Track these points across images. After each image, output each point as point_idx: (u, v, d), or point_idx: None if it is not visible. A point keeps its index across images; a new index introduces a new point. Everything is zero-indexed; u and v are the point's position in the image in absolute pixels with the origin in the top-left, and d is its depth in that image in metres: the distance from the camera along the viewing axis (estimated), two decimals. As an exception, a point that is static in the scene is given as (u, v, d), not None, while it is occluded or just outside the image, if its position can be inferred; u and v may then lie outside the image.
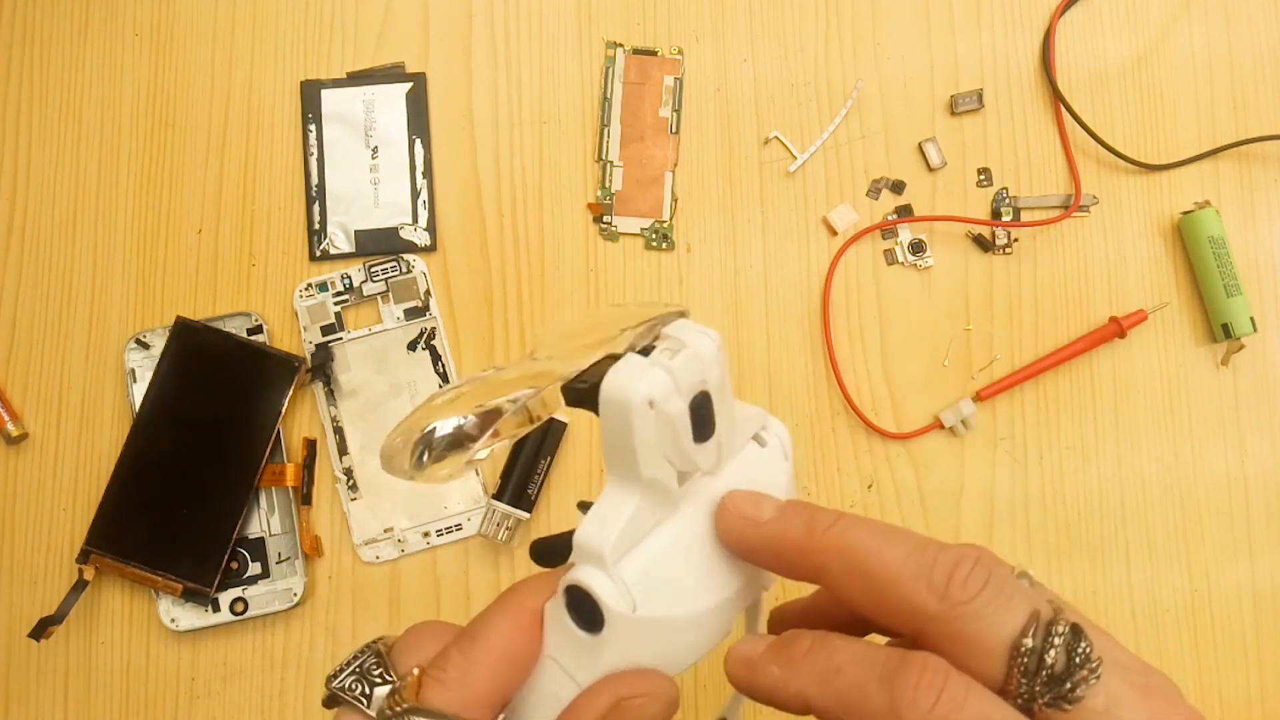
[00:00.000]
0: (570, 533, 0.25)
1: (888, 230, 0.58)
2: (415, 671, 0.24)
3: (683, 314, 0.26)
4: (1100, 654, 0.22)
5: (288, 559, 0.55)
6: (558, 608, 0.25)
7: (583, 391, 0.24)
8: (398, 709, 0.23)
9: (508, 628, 0.25)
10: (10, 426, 0.55)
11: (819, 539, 0.24)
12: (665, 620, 0.24)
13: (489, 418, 0.24)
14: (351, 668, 0.25)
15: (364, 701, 0.24)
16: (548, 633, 0.25)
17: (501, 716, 0.25)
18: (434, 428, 0.24)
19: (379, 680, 0.24)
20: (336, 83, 0.59)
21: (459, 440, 0.24)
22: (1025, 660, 0.21)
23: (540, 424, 0.26)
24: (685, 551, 0.25)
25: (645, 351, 0.25)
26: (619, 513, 0.24)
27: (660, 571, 0.24)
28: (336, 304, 0.57)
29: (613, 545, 0.24)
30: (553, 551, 0.28)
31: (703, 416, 0.24)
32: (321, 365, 0.55)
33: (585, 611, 0.24)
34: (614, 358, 0.24)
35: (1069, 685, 0.21)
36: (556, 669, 0.25)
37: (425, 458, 0.24)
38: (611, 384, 0.24)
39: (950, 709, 0.21)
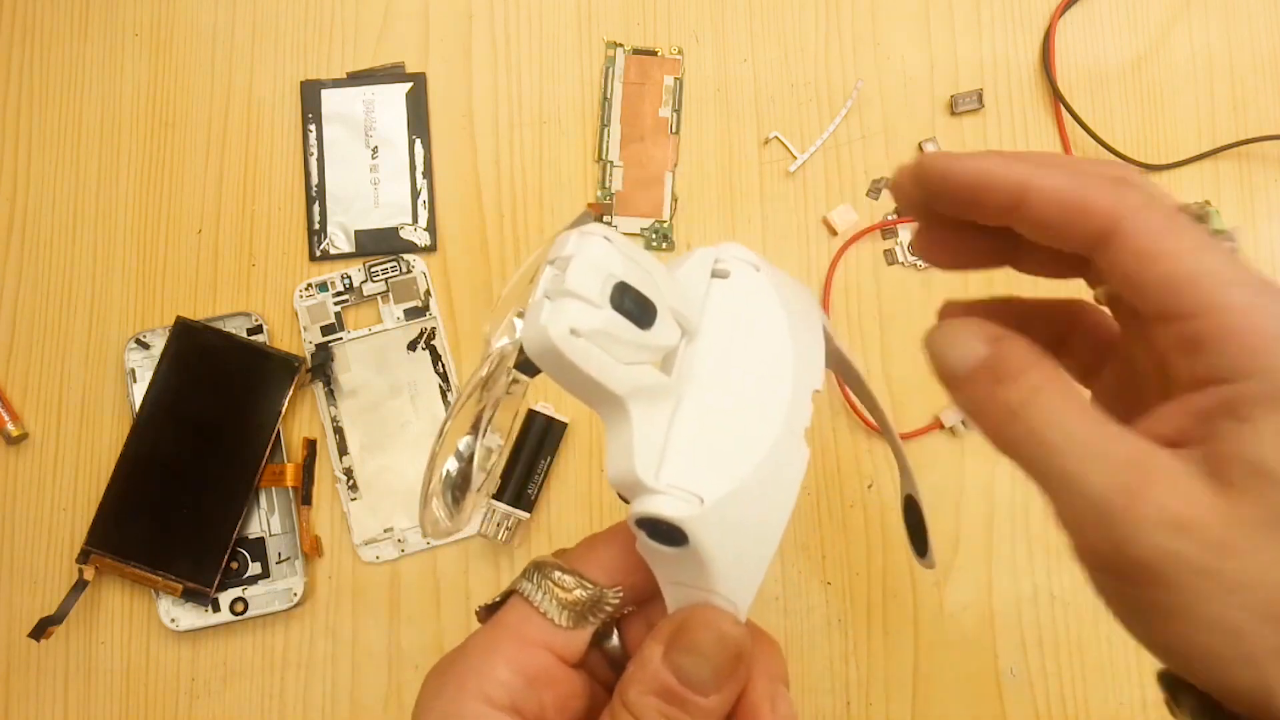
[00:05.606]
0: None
1: (888, 230, 0.58)
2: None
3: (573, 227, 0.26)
4: None
5: (288, 559, 0.55)
6: (645, 544, 0.24)
7: (527, 361, 0.23)
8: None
9: (618, 554, 0.26)
10: (10, 426, 0.55)
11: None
12: (736, 491, 0.23)
13: (472, 441, 0.24)
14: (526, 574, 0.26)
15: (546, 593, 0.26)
16: (652, 566, 0.25)
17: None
18: (440, 477, 0.24)
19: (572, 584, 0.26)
20: (336, 83, 0.59)
21: (464, 478, 0.24)
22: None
23: (527, 412, 0.26)
24: (714, 420, 0.24)
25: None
26: (627, 437, 0.23)
27: (703, 454, 0.23)
28: (336, 304, 0.57)
29: (641, 467, 0.23)
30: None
31: (633, 304, 0.23)
32: (321, 365, 0.55)
33: (665, 534, 0.23)
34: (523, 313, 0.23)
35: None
36: (681, 590, 0.25)
37: (451, 510, 0.24)
38: (529, 341, 0.22)
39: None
